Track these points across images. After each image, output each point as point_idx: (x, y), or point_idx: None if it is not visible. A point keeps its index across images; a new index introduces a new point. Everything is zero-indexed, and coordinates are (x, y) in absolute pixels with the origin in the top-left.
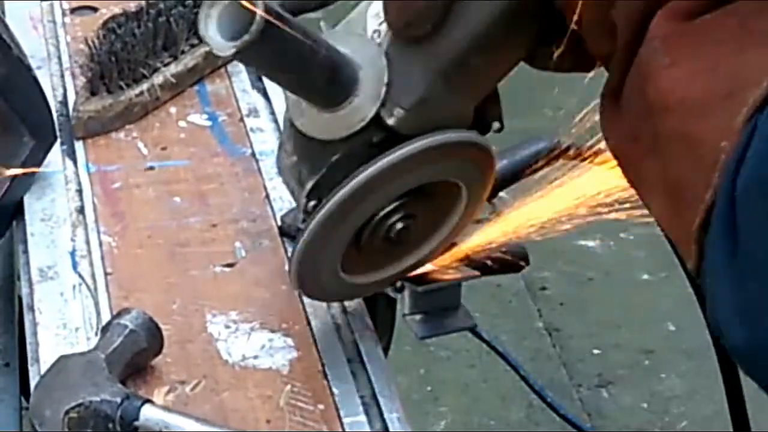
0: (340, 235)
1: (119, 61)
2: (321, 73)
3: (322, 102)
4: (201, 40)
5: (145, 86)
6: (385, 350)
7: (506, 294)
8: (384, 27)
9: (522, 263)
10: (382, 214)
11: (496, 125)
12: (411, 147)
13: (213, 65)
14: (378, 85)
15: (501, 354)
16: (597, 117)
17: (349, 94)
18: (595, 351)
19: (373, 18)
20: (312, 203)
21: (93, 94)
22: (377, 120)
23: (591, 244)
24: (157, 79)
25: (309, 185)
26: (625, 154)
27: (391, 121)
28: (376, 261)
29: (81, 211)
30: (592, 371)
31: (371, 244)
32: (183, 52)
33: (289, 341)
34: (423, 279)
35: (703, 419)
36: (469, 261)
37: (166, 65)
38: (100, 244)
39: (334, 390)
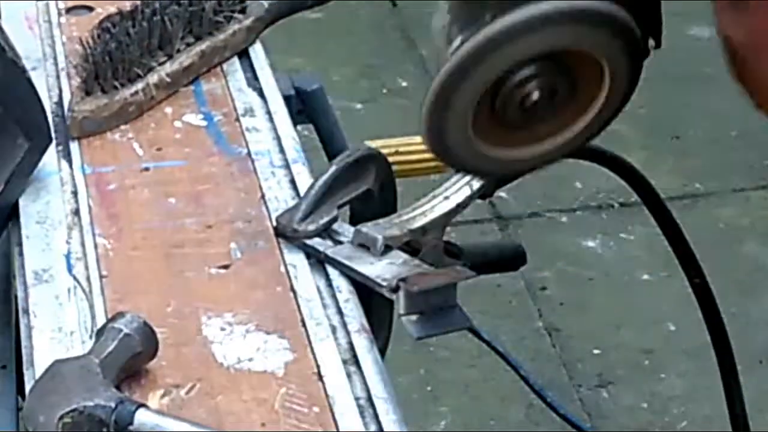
0: (475, 80)
1: (114, 60)
2: None
3: None
4: (197, 39)
5: (140, 86)
6: (382, 351)
7: (506, 294)
8: None
9: (520, 261)
10: (519, 76)
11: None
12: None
13: (209, 64)
14: None
15: (501, 354)
16: None
17: None
18: (595, 351)
19: None
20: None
21: (88, 93)
22: None
23: (591, 244)
24: (152, 78)
25: (457, 42)
26: (752, 48)
27: None
28: (510, 135)
29: (76, 213)
30: (592, 371)
31: (506, 111)
32: (178, 51)
33: (285, 343)
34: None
35: (703, 419)
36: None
37: (161, 64)
38: (96, 247)
39: (330, 393)
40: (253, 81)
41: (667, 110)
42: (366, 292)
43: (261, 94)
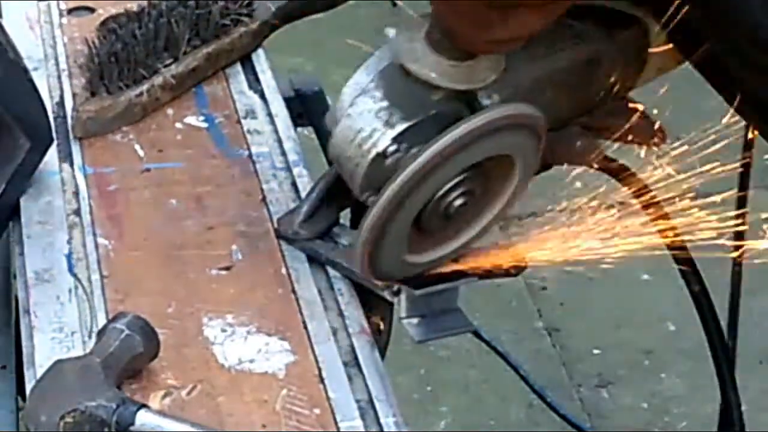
0: (412, 204)
1: (119, 61)
2: None
3: (458, 49)
4: (203, 42)
5: (145, 87)
6: (382, 353)
7: (506, 294)
8: None
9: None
10: (443, 190)
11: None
12: (492, 113)
13: (215, 67)
14: (497, 65)
15: (501, 354)
16: None
17: (474, 55)
18: (595, 351)
19: None
20: (393, 147)
21: (93, 94)
22: (472, 96)
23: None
24: (158, 80)
25: (401, 127)
26: None
27: (486, 102)
28: (431, 240)
29: (77, 213)
30: (592, 371)
31: (430, 222)
32: (184, 54)
33: (286, 345)
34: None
35: (703, 419)
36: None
37: (166, 66)
38: (96, 247)
39: (330, 394)
40: (255, 83)
41: (667, 110)
42: (366, 294)
43: (262, 97)
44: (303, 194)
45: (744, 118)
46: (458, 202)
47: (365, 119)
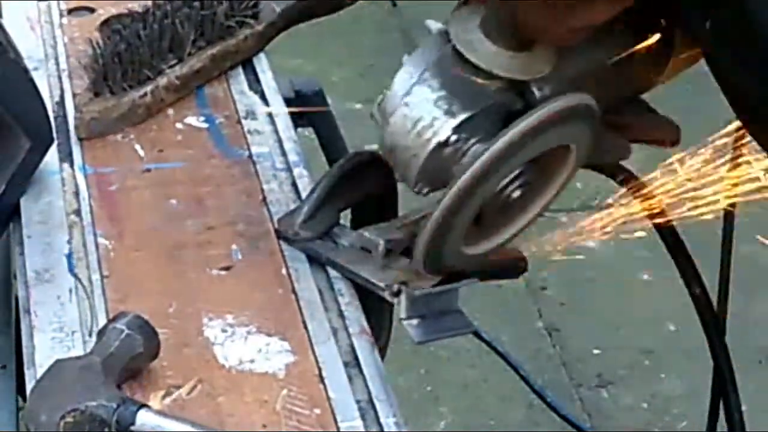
0: (476, 197)
1: (123, 62)
2: None
3: (516, 40)
4: (208, 43)
5: (149, 88)
6: (382, 354)
7: (506, 294)
8: None
9: (521, 265)
10: (503, 183)
11: None
12: (553, 106)
13: (220, 68)
14: (552, 57)
15: (501, 354)
16: None
17: (530, 46)
18: (595, 351)
19: None
20: (455, 137)
21: (96, 95)
22: (525, 87)
23: (591, 244)
24: (162, 81)
25: (462, 117)
26: None
27: (538, 94)
28: (486, 230)
29: (77, 213)
30: (592, 371)
31: (487, 214)
32: (189, 55)
33: (286, 345)
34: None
35: (703, 419)
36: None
37: (170, 67)
38: (97, 247)
39: (331, 394)
40: (255, 84)
41: (667, 110)
42: (366, 295)
43: (262, 97)
44: (303, 195)
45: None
46: (516, 193)
47: (424, 108)
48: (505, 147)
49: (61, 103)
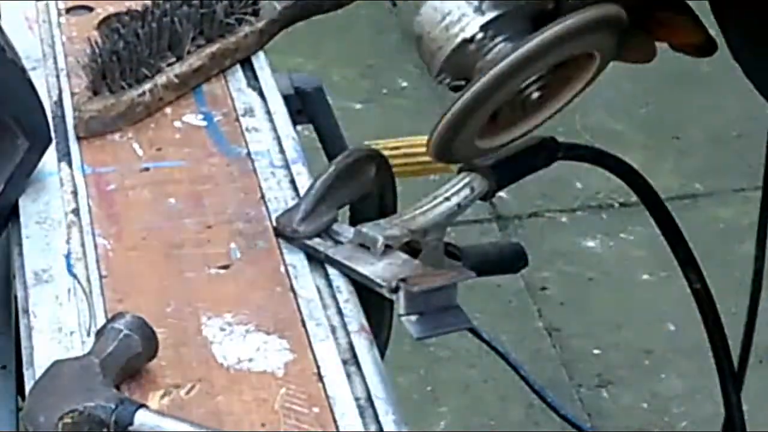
0: (495, 98)
1: (122, 60)
2: None
3: None
4: (208, 41)
5: (148, 86)
6: (382, 351)
7: (506, 294)
8: None
9: (521, 263)
10: (524, 84)
11: None
12: (582, 16)
13: (220, 66)
14: None
15: (501, 354)
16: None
17: None
18: (595, 351)
19: None
20: (481, 35)
21: (95, 93)
22: None
23: (591, 244)
24: (161, 79)
25: (491, 15)
26: None
27: None
28: (501, 125)
29: (76, 213)
30: (592, 371)
31: (505, 112)
32: (189, 53)
33: (284, 343)
34: None
35: (703, 419)
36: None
37: (170, 65)
38: (95, 247)
39: (330, 393)
40: (253, 81)
41: (667, 110)
42: (366, 292)
43: (261, 94)
44: (302, 192)
45: None
46: (535, 95)
47: (454, 2)
48: (532, 52)
49: (60, 102)
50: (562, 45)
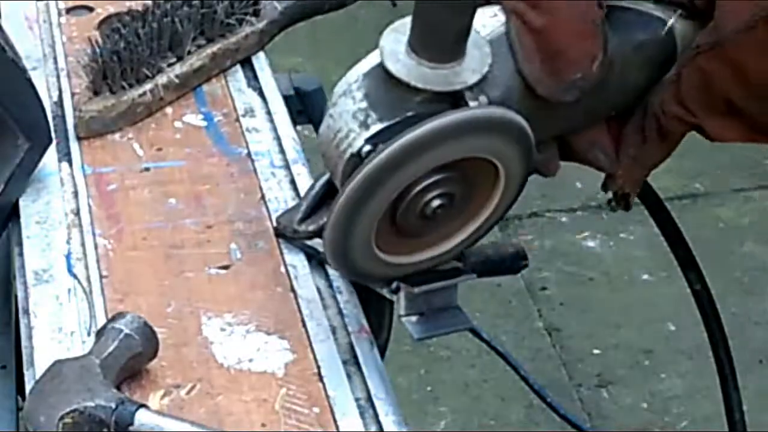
0: (381, 196)
1: (122, 60)
2: (460, 23)
3: (437, 51)
4: (208, 41)
5: (148, 86)
6: (382, 352)
7: (506, 294)
8: (493, 22)
9: (523, 262)
10: (420, 187)
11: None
12: (462, 114)
13: (220, 67)
14: (481, 65)
15: (501, 354)
16: None
17: (456, 57)
18: (595, 351)
19: (487, 16)
20: (367, 148)
21: (96, 93)
22: (458, 97)
23: (591, 244)
24: (161, 79)
25: (376, 128)
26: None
27: (472, 104)
28: (409, 242)
29: (76, 213)
30: (592, 371)
31: (407, 221)
32: (189, 53)
33: (285, 344)
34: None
35: (703, 419)
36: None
37: (170, 65)
38: (96, 247)
39: (330, 393)
40: (253, 81)
41: None
42: (366, 292)
43: (261, 95)
44: (302, 192)
45: None
46: (436, 203)
47: (344, 120)
48: (396, 153)
49: (60, 102)
50: (439, 144)
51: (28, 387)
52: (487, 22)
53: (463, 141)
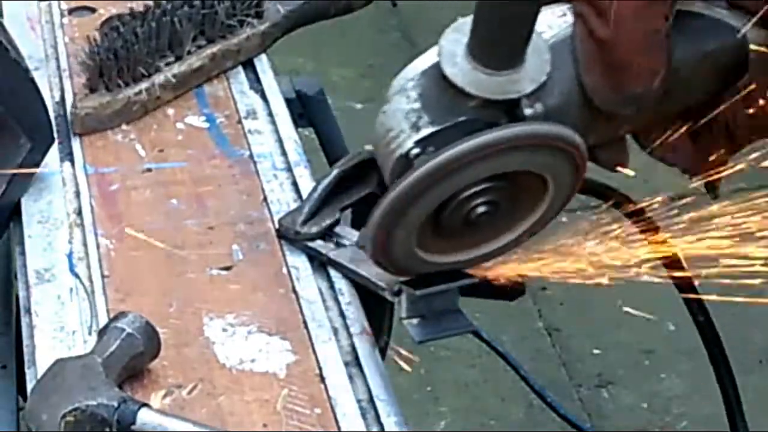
0: (428, 200)
1: (119, 59)
2: (520, 32)
3: (495, 59)
4: (209, 42)
5: (144, 85)
6: (383, 353)
7: None
8: (559, 23)
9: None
10: (467, 193)
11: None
12: (519, 129)
13: (221, 68)
14: (539, 74)
15: (501, 354)
16: None
17: (515, 65)
18: (595, 351)
19: (555, 16)
20: (416, 151)
21: (92, 91)
22: (513, 105)
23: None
24: (159, 78)
25: (426, 132)
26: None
27: (528, 112)
28: (447, 243)
29: (78, 213)
30: (592, 371)
31: (450, 223)
32: (189, 53)
33: (286, 344)
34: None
35: (703, 419)
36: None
37: (168, 65)
38: (98, 247)
39: (331, 394)
40: (255, 83)
41: None
42: (367, 294)
43: (263, 97)
44: (304, 194)
45: None
46: (480, 209)
47: (396, 119)
48: (446, 161)
49: (62, 103)
50: (487, 157)
51: (29, 386)
52: (554, 22)
53: (516, 155)
